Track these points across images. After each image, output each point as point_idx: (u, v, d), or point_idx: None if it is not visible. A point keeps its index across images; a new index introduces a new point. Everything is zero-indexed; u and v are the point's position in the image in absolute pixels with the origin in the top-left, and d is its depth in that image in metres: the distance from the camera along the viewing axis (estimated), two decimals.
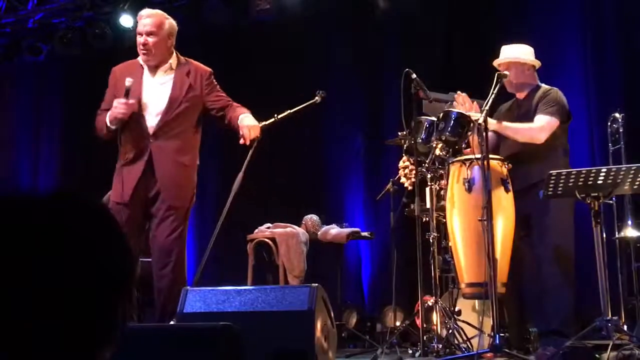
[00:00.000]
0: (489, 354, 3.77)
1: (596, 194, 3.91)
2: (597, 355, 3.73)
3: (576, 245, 4.36)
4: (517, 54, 4.49)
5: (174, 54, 4.19)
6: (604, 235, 4.28)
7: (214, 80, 4.21)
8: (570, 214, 4.33)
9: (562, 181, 3.87)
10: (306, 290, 3.40)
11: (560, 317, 4.14)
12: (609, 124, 5.44)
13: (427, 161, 4.48)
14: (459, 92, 4.43)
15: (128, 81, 3.98)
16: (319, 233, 6.13)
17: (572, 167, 4.15)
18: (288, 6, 7.26)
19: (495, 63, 4.51)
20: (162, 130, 4.03)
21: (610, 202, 4.94)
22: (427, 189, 4.70)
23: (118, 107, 3.96)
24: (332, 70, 7.57)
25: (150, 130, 4.03)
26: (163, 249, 4.02)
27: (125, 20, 7.55)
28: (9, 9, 8.05)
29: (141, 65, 4.15)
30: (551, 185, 3.90)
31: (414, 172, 4.55)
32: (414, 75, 4.37)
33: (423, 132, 4.52)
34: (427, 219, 4.68)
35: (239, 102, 4.34)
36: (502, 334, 4.03)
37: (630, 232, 5.12)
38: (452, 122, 4.29)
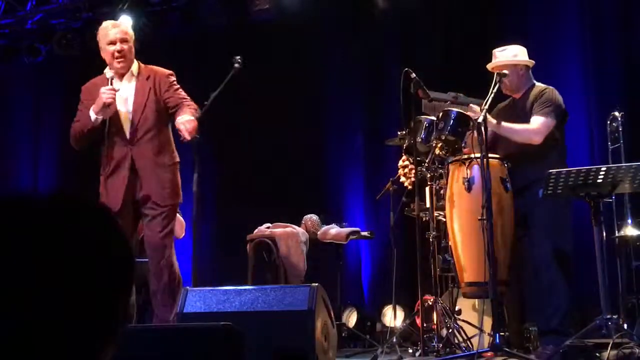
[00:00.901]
0: (489, 353, 3.77)
1: (596, 193, 3.91)
2: (597, 354, 3.73)
3: (576, 244, 4.37)
4: (508, 57, 4.48)
5: (134, 59, 4.28)
6: (604, 234, 4.28)
7: (174, 81, 4.28)
8: (569, 213, 4.33)
9: (561, 180, 3.87)
10: (306, 290, 3.41)
11: (560, 316, 4.14)
12: (609, 122, 5.44)
13: (426, 160, 4.49)
14: (470, 104, 4.43)
15: (109, 73, 4.12)
16: (318, 233, 6.13)
17: (572, 166, 4.15)
18: (287, 6, 7.25)
19: (489, 67, 4.50)
20: (136, 135, 4.14)
21: (610, 200, 4.93)
22: (427, 189, 4.70)
23: (105, 92, 4.03)
24: (332, 70, 7.57)
25: (127, 138, 4.14)
26: (157, 247, 4.11)
27: (124, 20, 7.54)
28: (7, 10, 8.04)
29: (107, 78, 4.21)
30: (551, 185, 3.91)
31: (413, 171, 4.55)
32: (414, 75, 4.37)
33: (423, 131, 4.52)
34: (427, 218, 4.69)
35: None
36: (502, 333, 4.03)
37: (630, 230, 5.12)
38: (452, 121, 4.29)
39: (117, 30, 4.19)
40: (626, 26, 6.31)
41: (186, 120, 3.99)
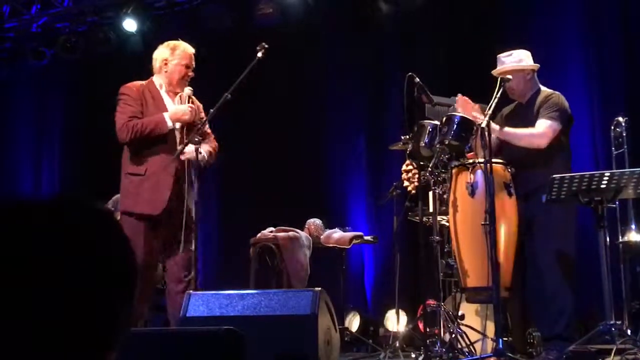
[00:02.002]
0: (492, 359, 3.77)
1: (599, 198, 3.90)
2: None
3: (580, 249, 4.35)
4: (513, 62, 4.45)
5: None
6: (608, 239, 4.27)
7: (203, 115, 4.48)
8: (572, 218, 4.32)
9: (565, 185, 3.87)
10: (309, 294, 3.41)
11: (564, 322, 4.13)
12: (613, 127, 5.43)
13: (430, 165, 4.48)
14: (459, 94, 4.41)
15: (187, 90, 4.35)
16: (322, 237, 6.12)
17: (576, 171, 4.14)
18: (290, 10, 7.27)
19: (495, 73, 4.47)
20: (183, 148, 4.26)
21: (614, 206, 4.92)
22: (430, 193, 4.70)
23: (190, 111, 4.25)
24: (335, 74, 7.57)
25: (177, 146, 4.23)
26: (185, 258, 4.22)
27: (129, 24, 7.56)
28: (12, 13, 8.07)
29: (156, 87, 4.38)
30: (554, 190, 3.90)
31: (417, 176, 4.55)
32: (417, 79, 4.37)
33: (426, 136, 4.51)
34: (430, 223, 4.68)
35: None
36: (505, 338, 4.02)
37: (633, 236, 5.11)
38: (455, 126, 4.28)
39: (193, 57, 4.44)
40: (630, 31, 6.30)
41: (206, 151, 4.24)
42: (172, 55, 4.37)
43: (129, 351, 0.95)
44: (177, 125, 4.25)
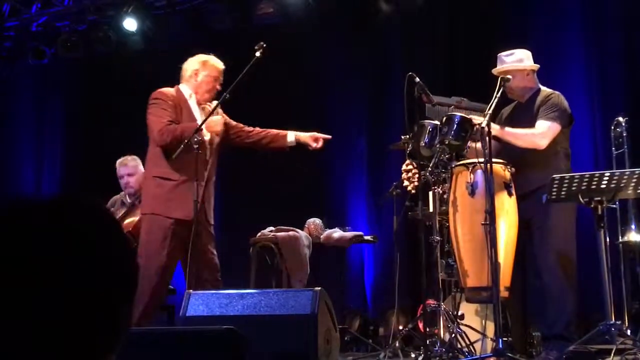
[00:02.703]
0: (492, 358, 3.77)
1: (599, 198, 3.90)
2: None
3: (580, 249, 4.35)
4: (513, 62, 4.46)
5: None
6: (608, 240, 4.27)
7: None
8: (572, 218, 4.32)
9: (565, 185, 3.87)
10: (309, 294, 3.40)
11: (564, 321, 4.13)
12: (613, 127, 5.42)
13: (430, 165, 4.48)
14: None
15: (213, 104, 4.47)
16: (322, 236, 6.12)
17: (576, 171, 4.14)
18: (291, 10, 7.26)
19: (495, 72, 4.47)
20: (209, 160, 4.42)
21: (614, 206, 4.92)
22: (430, 193, 4.70)
23: (218, 124, 4.43)
24: (335, 74, 7.57)
25: (206, 159, 4.40)
26: (213, 259, 4.47)
27: (129, 23, 7.56)
28: (13, 12, 8.07)
29: (184, 96, 4.47)
30: (554, 190, 3.90)
31: (417, 175, 4.55)
32: (417, 79, 4.37)
33: (426, 136, 4.51)
34: (430, 222, 4.68)
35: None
36: (505, 338, 4.02)
37: (633, 236, 5.10)
38: (456, 126, 4.28)
39: (222, 72, 4.56)
40: (630, 30, 6.30)
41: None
42: (203, 68, 4.49)
43: (129, 350, 0.95)
44: (208, 135, 4.39)
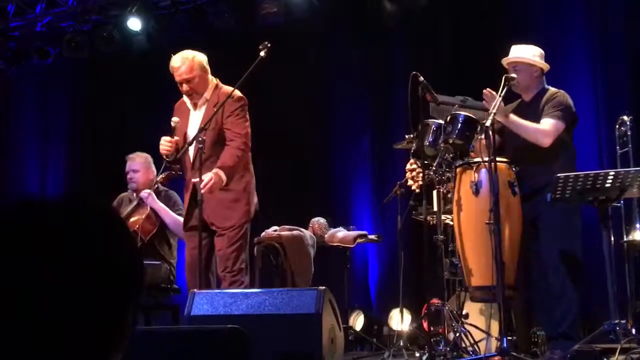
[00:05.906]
0: (496, 358, 3.77)
1: (604, 197, 3.90)
2: (605, 359, 3.72)
3: (584, 248, 4.34)
4: (527, 55, 4.46)
5: (209, 83, 4.51)
6: (612, 239, 4.26)
7: (239, 108, 4.45)
8: (577, 217, 4.31)
9: (569, 184, 3.86)
10: (313, 293, 3.41)
11: (568, 321, 4.12)
12: (617, 126, 5.41)
13: (434, 164, 4.48)
14: (488, 89, 4.33)
15: (174, 121, 4.42)
16: (326, 236, 6.12)
17: (580, 170, 4.13)
18: (294, 10, 7.26)
19: (504, 61, 4.48)
20: (196, 163, 4.31)
21: (618, 205, 4.91)
22: (435, 192, 4.69)
23: (162, 144, 4.40)
24: (339, 73, 7.56)
25: (191, 163, 4.41)
26: (221, 259, 4.39)
27: (133, 23, 7.56)
28: (17, 12, 8.09)
29: (186, 102, 4.53)
30: (559, 189, 3.89)
31: (421, 175, 4.54)
32: (422, 78, 4.37)
33: (430, 135, 4.51)
34: (435, 221, 4.68)
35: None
36: (510, 338, 4.02)
37: (638, 235, 5.09)
38: (460, 125, 4.28)
39: (179, 72, 4.39)
40: (635, 29, 6.28)
41: (208, 180, 4.19)
42: (204, 67, 4.55)
43: (133, 349, 0.95)
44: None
